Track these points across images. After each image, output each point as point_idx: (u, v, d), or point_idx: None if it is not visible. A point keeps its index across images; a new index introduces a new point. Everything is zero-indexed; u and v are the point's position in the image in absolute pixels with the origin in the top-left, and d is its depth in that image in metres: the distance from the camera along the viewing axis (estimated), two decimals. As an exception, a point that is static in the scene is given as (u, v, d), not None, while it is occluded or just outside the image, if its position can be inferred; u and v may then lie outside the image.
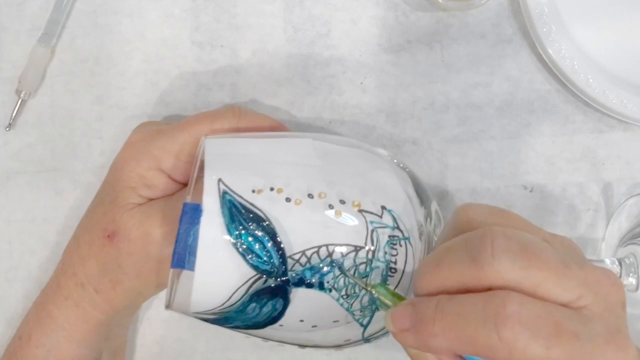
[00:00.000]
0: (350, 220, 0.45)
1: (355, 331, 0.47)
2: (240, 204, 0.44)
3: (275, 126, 0.55)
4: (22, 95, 0.62)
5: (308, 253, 0.44)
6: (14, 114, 0.63)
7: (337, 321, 0.46)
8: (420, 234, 0.47)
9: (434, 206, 0.51)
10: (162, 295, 0.59)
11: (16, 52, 0.63)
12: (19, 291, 0.63)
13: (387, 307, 0.43)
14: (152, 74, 0.63)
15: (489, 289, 0.37)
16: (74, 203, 0.63)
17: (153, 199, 0.53)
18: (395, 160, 0.51)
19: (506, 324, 0.36)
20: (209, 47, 0.63)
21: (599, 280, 0.39)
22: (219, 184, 0.44)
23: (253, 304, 0.44)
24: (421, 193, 0.50)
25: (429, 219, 0.49)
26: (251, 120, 0.54)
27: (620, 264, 0.55)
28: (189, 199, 0.45)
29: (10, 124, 0.63)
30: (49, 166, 0.63)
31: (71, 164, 0.63)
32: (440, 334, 0.37)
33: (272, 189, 0.44)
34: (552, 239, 0.41)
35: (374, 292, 0.43)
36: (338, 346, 0.49)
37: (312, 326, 0.46)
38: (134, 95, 0.63)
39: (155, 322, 0.63)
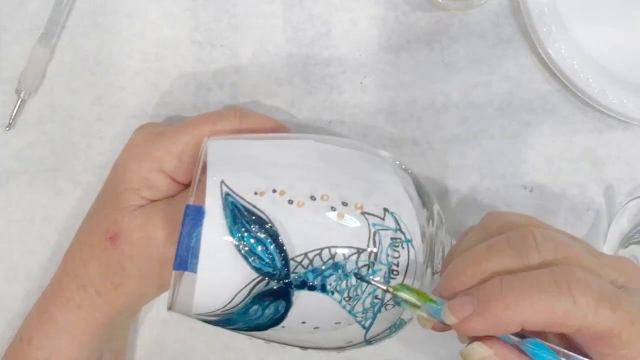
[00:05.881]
0: (353, 222, 0.45)
1: (358, 333, 0.47)
2: (243, 206, 0.44)
3: (277, 127, 0.55)
4: (22, 95, 0.62)
5: (311, 255, 0.44)
6: (14, 114, 0.63)
7: (340, 323, 0.46)
8: (423, 237, 0.47)
9: (436, 208, 0.51)
10: (163, 296, 0.59)
11: (16, 52, 0.63)
12: (19, 291, 0.63)
13: (414, 307, 0.43)
14: (152, 74, 0.63)
15: None
16: (74, 203, 0.63)
17: (155, 200, 0.53)
18: (397, 162, 0.51)
19: (579, 289, 0.38)
20: (209, 47, 0.63)
21: (624, 266, 0.42)
22: (221, 186, 0.44)
23: (255, 307, 0.44)
24: (423, 195, 0.50)
25: (431, 221, 0.49)
26: (253, 122, 0.54)
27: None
28: (191, 201, 0.45)
29: (10, 124, 0.63)
30: (49, 166, 0.63)
31: (71, 164, 0.63)
32: (512, 306, 0.39)
33: (274, 191, 0.44)
34: (574, 238, 0.44)
35: (398, 294, 0.43)
36: (340, 348, 0.49)
37: (315, 328, 0.46)
38: (134, 95, 0.63)
39: (155, 323, 0.63)
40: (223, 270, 0.44)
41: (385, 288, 0.44)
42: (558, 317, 0.38)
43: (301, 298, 0.44)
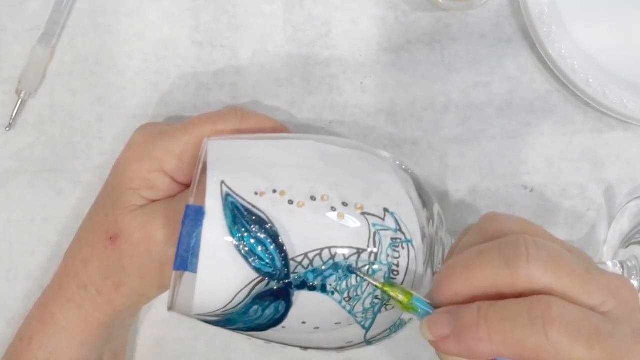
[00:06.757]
0: (353, 222, 0.45)
1: (358, 333, 0.47)
2: (243, 206, 0.44)
3: (277, 127, 0.55)
4: (22, 95, 0.62)
5: (310, 255, 0.44)
6: (14, 114, 0.63)
7: (340, 323, 0.46)
8: (423, 237, 0.47)
9: (436, 208, 0.51)
10: (163, 296, 0.59)
11: (16, 52, 0.63)
12: (19, 291, 0.63)
13: (400, 304, 0.43)
14: (152, 74, 0.63)
15: (521, 294, 0.40)
16: (74, 203, 0.63)
17: (155, 200, 0.53)
18: (397, 162, 0.51)
19: (553, 326, 0.38)
20: (209, 47, 0.63)
21: (618, 287, 0.41)
22: (221, 186, 0.44)
23: (255, 307, 0.44)
24: (423, 195, 0.50)
25: (431, 221, 0.49)
26: (253, 122, 0.54)
27: (622, 266, 0.55)
28: (191, 201, 0.45)
29: (10, 124, 0.63)
30: (49, 166, 0.63)
31: (71, 164, 0.63)
32: (486, 339, 0.39)
33: (274, 191, 0.44)
34: (571, 249, 0.43)
35: (386, 290, 0.44)
36: (340, 348, 0.49)
37: (315, 328, 0.46)
38: (134, 95, 0.63)
39: (155, 323, 0.63)
40: (223, 270, 0.43)
41: (375, 283, 0.44)
42: (530, 352, 0.38)
43: (301, 298, 0.44)
